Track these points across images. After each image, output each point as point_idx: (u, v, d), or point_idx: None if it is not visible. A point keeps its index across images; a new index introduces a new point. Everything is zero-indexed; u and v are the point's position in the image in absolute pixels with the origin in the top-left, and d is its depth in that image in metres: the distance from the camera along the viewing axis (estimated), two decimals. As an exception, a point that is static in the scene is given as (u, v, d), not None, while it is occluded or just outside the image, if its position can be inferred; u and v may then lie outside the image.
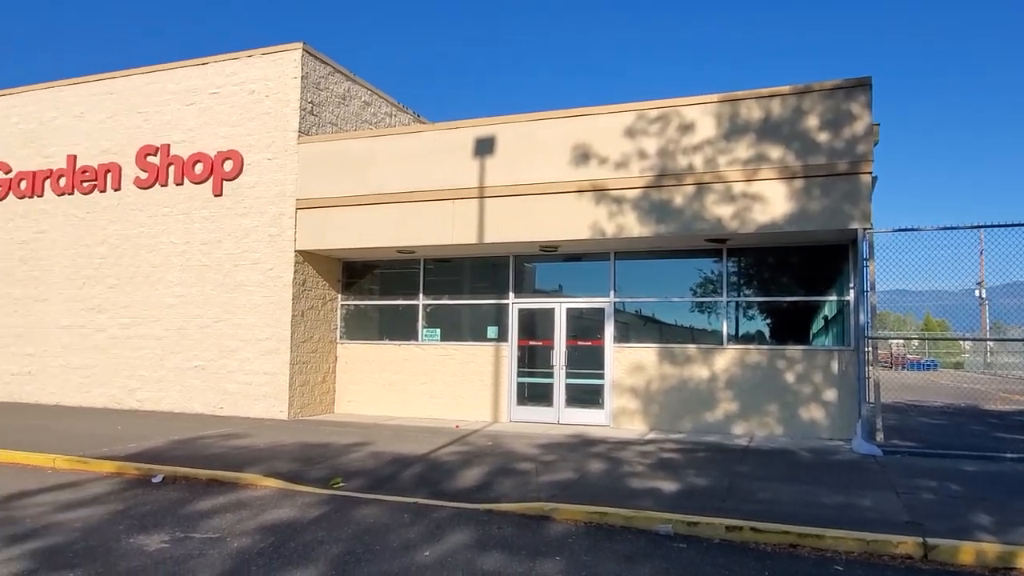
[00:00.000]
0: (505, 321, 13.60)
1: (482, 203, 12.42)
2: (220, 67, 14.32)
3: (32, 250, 15.70)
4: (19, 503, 7.04)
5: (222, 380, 13.71)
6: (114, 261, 14.85)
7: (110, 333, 14.76)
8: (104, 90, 15.34)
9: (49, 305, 15.40)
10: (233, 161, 13.91)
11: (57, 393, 15.13)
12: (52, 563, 5.20)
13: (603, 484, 7.77)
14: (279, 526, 6.20)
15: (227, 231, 13.90)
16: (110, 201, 14.99)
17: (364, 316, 14.99)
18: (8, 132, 16.21)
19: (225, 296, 13.81)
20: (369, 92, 15.93)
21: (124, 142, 14.97)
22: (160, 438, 10.59)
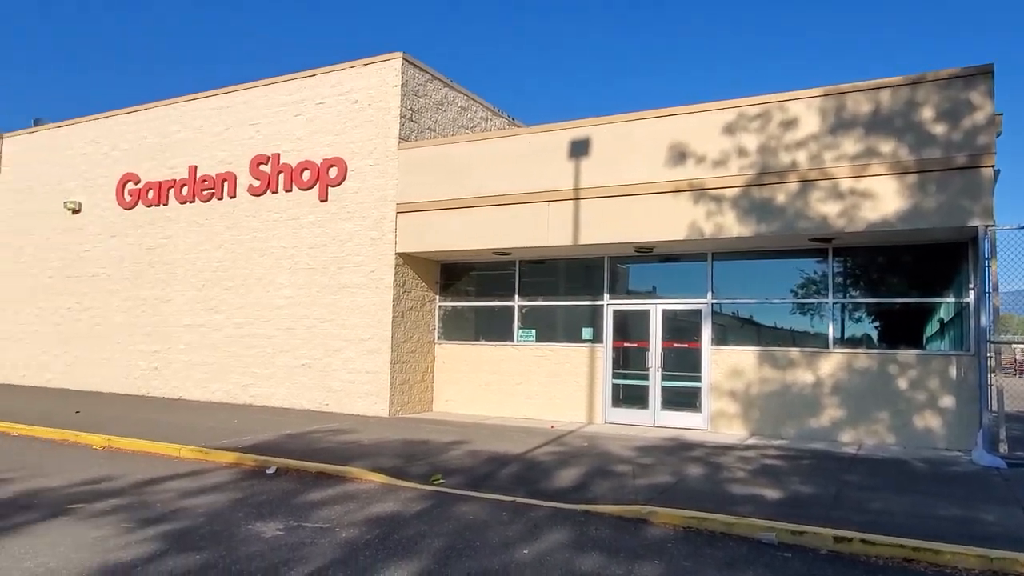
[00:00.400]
0: (600, 322, 13.57)
1: (577, 204, 12.45)
2: (325, 78, 15.00)
3: (158, 255, 16.95)
4: (151, 489, 7.64)
5: (327, 378, 14.35)
6: (229, 264, 15.82)
7: (226, 332, 15.73)
8: (220, 104, 16.37)
9: (173, 306, 16.58)
10: (337, 168, 14.54)
11: (180, 387, 16.26)
12: (181, 545, 5.62)
13: (702, 489, 7.65)
14: (384, 519, 6.46)
15: (332, 235, 14.54)
16: (226, 208, 15.99)
17: (461, 317, 15.32)
18: (138, 146, 17.56)
19: (330, 298, 14.44)
20: (465, 97, 16.26)
21: (239, 152, 15.92)
22: (272, 432, 11.21)
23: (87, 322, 17.96)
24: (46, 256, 18.97)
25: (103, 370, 17.52)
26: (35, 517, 6.42)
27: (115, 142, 17.99)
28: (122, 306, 17.39)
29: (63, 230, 18.69)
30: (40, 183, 19.43)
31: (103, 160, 18.16)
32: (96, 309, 17.81)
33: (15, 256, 19.69)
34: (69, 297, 18.35)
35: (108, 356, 17.48)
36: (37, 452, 9.86)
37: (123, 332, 17.30)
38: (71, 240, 18.51)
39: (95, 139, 18.41)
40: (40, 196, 19.36)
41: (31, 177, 19.66)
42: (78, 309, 18.14)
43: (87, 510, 6.68)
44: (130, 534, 5.91)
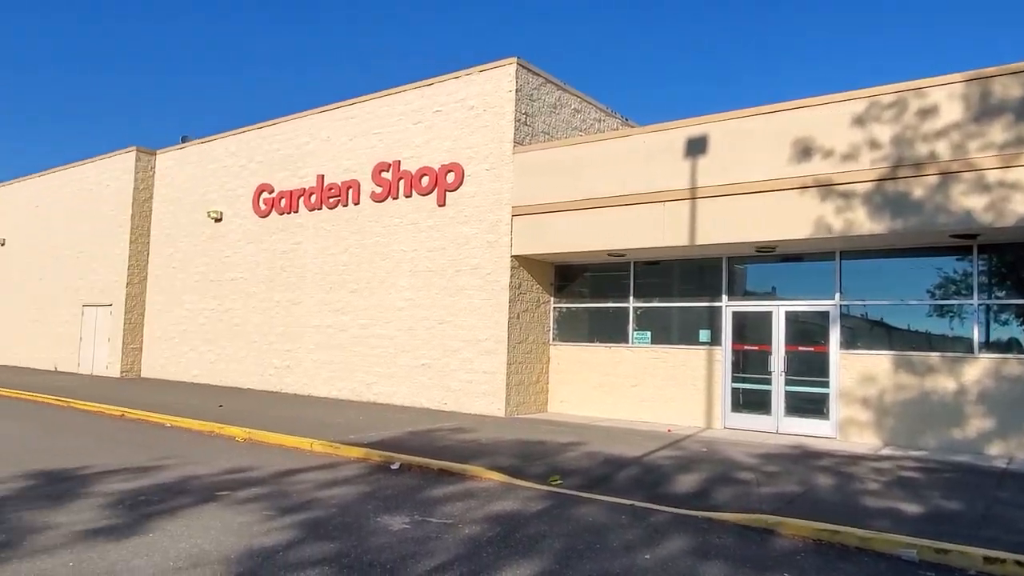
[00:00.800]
0: (718, 324, 13.21)
1: (694, 204, 12.18)
2: (442, 87, 15.45)
3: (290, 259, 18.05)
4: (288, 480, 8.16)
5: (446, 378, 14.77)
6: (354, 268, 16.61)
7: (351, 333, 16.52)
8: (345, 116, 17.22)
9: (303, 308, 17.60)
10: (455, 173, 14.94)
11: (309, 385, 17.24)
12: (316, 534, 5.97)
13: (833, 500, 7.29)
14: (504, 517, 6.59)
15: (449, 239, 14.96)
16: (351, 214, 16.79)
17: (575, 318, 15.34)
18: (271, 157, 18.77)
19: (448, 299, 14.86)
20: (578, 100, 16.28)
21: (362, 160, 16.69)
22: (395, 429, 11.67)
23: (228, 323, 19.39)
24: (192, 261, 20.64)
25: (242, 367, 18.85)
26: (189, 501, 7.01)
27: (251, 155, 19.31)
28: (258, 308, 18.64)
29: (207, 237, 20.26)
30: (187, 195, 21.17)
31: (241, 172, 19.55)
32: (236, 311, 19.19)
33: (166, 262, 21.54)
34: (212, 299, 19.87)
35: (246, 354, 18.78)
36: (187, 442, 10.75)
37: (259, 332, 18.55)
38: (214, 247, 20.04)
39: (234, 152, 19.85)
40: (187, 206, 21.09)
41: (180, 189, 21.46)
42: (220, 311, 19.61)
43: (233, 497, 7.22)
44: (271, 521, 6.35)
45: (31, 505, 6.73)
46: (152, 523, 6.20)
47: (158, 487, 7.61)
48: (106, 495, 7.18)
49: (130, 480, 7.93)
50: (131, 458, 9.26)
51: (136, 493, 7.30)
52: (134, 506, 6.78)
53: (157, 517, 6.40)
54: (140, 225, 21.95)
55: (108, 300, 22.12)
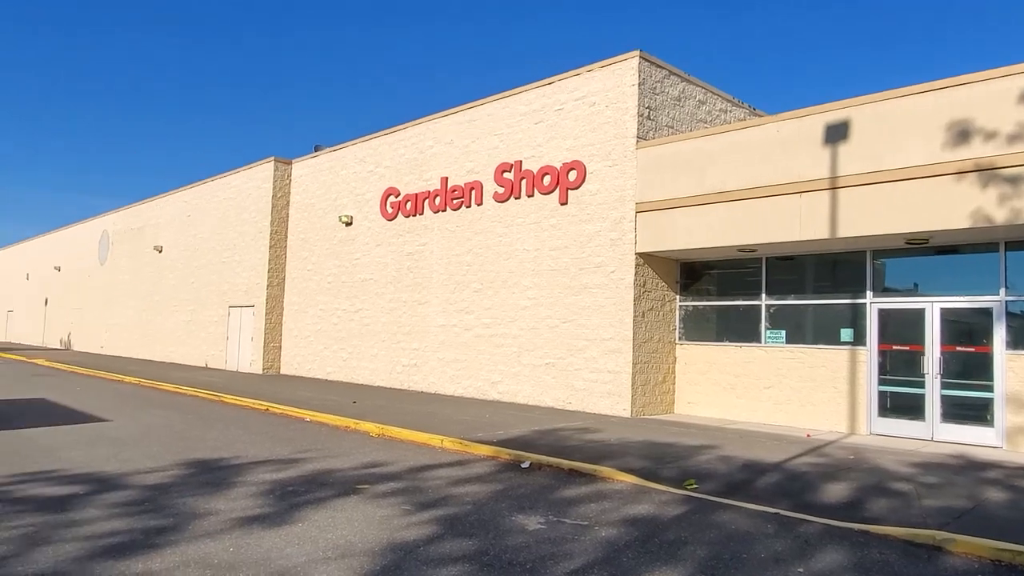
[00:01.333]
0: (861, 322, 12.34)
1: (834, 195, 11.43)
2: (562, 85, 15.37)
3: (416, 260, 18.57)
4: (422, 475, 8.34)
5: (569, 377, 14.68)
6: (478, 268, 16.85)
7: (475, 332, 16.77)
8: (467, 119, 17.51)
9: (429, 307, 18.06)
10: (576, 171, 14.83)
11: (436, 383, 17.65)
12: (454, 531, 6.03)
13: (1009, 517, 6.58)
14: (641, 521, 6.40)
15: (572, 237, 14.86)
16: (474, 215, 17.05)
17: (702, 317, 14.83)
18: (398, 162, 19.40)
19: (571, 298, 14.76)
20: (703, 91, 15.73)
21: (484, 162, 16.90)
22: (522, 427, 11.70)
23: (358, 322, 20.22)
24: (325, 264, 21.69)
25: (372, 365, 19.60)
26: (332, 494, 7.29)
27: (379, 160, 20.05)
28: (386, 307, 19.32)
29: (338, 241, 21.23)
30: (320, 200, 22.28)
31: (369, 177, 20.34)
32: (366, 311, 19.98)
33: (302, 265, 22.77)
34: (344, 300, 20.79)
35: (376, 353, 19.51)
36: (326, 436, 11.25)
37: (387, 331, 19.21)
38: (345, 249, 20.96)
39: (363, 159, 20.68)
40: (320, 212, 22.19)
41: (313, 196, 22.62)
42: (351, 311, 20.49)
43: (372, 491, 7.45)
44: (410, 516, 6.48)
45: (193, 492, 7.22)
46: (300, 513, 6.48)
47: (303, 479, 7.97)
48: (257, 484, 7.61)
49: (277, 471, 8.37)
50: (276, 450, 9.78)
51: (284, 484, 7.68)
52: (283, 496, 7.13)
53: (304, 507, 6.69)
54: (278, 231, 23.32)
55: (251, 301, 23.67)
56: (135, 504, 6.69)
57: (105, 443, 9.99)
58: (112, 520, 6.14)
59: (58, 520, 6.08)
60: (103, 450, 9.44)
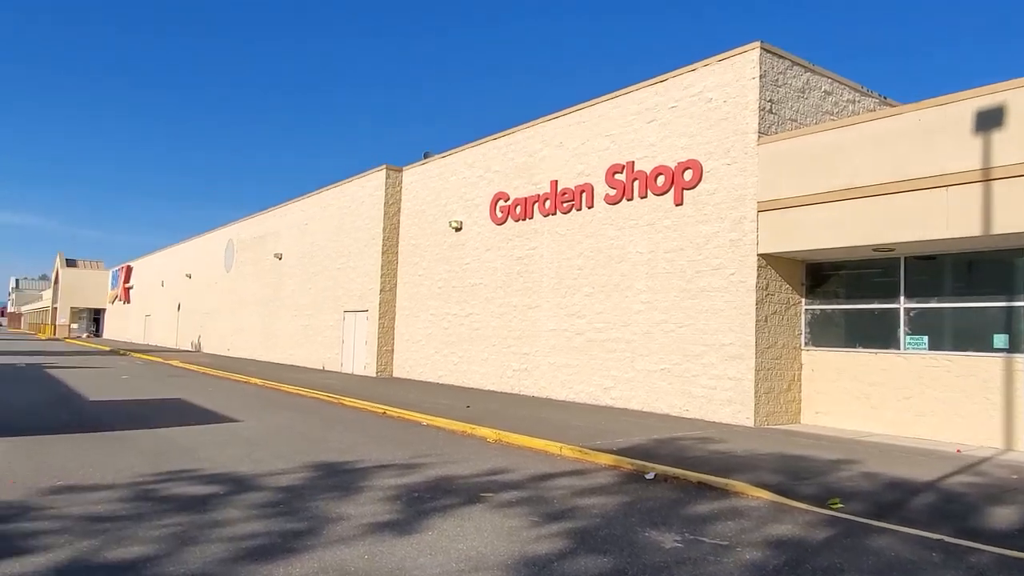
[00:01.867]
0: (1018, 327, 11.20)
1: (988, 187, 10.41)
2: (676, 81, 14.88)
3: (526, 265, 18.52)
4: (545, 484, 8.17)
5: (686, 383, 14.15)
6: (589, 272, 16.58)
7: (587, 336, 16.50)
8: (576, 120, 17.29)
9: (539, 312, 17.95)
10: (692, 170, 14.30)
11: (547, 388, 17.51)
12: (586, 546, 5.81)
13: None
14: (787, 543, 5.96)
15: (688, 239, 14.34)
16: (584, 218, 16.80)
17: (830, 321, 13.93)
18: (506, 166, 19.44)
19: (688, 302, 14.24)
20: (829, 80, 14.81)
21: (595, 164, 16.63)
22: (640, 435, 11.34)
23: (468, 327, 20.39)
24: (436, 269, 22.03)
25: (482, 369, 19.70)
26: (457, 501, 7.24)
27: (488, 165, 20.16)
28: (496, 312, 19.37)
29: (448, 246, 21.51)
30: (430, 207, 22.67)
31: (478, 182, 20.48)
32: (476, 315, 20.12)
33: (413, 270, 23.24)
34: (455, 304, 21.03)
35: (486, 357, 19.60)
36: (443, 441, 11.31)
37: (498, 336, 19.25)
38: (454, 255, 21.21)
39: (472, 164, 20.87)
40: (430, 218, 22.58)
41: (423, 202, 23.05)
42: (461, 315, 20.69)
43: (496, 499, 7.35)
44: (538, 527, 6.31)
45: (323, 495, 7.36)
46: (428, 521, 6.45)
47: (426, 484, 7.98)
48: (383, 489, 7.67)
49: (401, 476, 8.43)
50: (397, 454, 9.89)
51: (409, 489, 7.71)
52: (409, 502, 7.14)
53: (432, 515, 6.66)
54: (390, 237, 23.92)
55: (364, 306, 24.38)
56: (270, 506, 6.87)
57: (238, 443, 10.42)
58: (251, 522, 6.31)
59: (202, 520, 6.31)
60: (236, 450, 9.84)
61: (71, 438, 10.45)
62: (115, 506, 6.69)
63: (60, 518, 6.24)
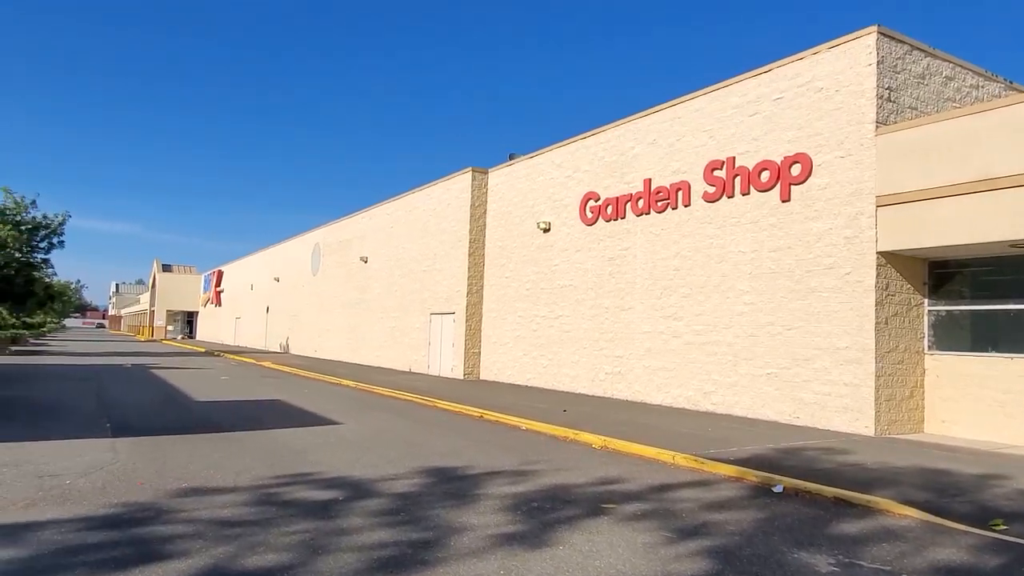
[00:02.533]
0: None
1: None
2: (782, 71, 14.18)
3: (618, 266, 18.08)
4: (666, 496, 7.78)
5: (796, 389, 13.44)
6: (686, 272, 16.02)
7: (685, 339, 15.94)
8: (671, 116, 16.76)
9: (633, 313, 17.48)
10: (801, 164, 13.58)
11: (642, 392, 17.03)
12: (733, 568, 5.41)
13: None
14: (958, 571, 5.40)
15: (796, 236, 13.62)
16: (681, 217, 16.25)
17: (955, 324, 12.96)
18: (596, 165, 19.06)
19: (796, 303, 13.52)
20: (951, 65, 13.81)
21: (691, 160, 16.06)
22: (754, 444, 10.77)
23: (558, 329, 20.09)
24: (524, 271, 21.84)
25: (573, 372, 19.37)
26: (578, 512, 6.95)
27: (577, 164, 19.82)
28: (587, 314, 19.00)
29: (536, 248, 21.29)
30: (516, 208, 22.50)
31: (567, 182, 20.18)
32: (565, 317, 19.81)
33: (500, 272, 23.13)
34: (543, 306, 20.78)
35: (576, 360, 19.26)
36: (546, 446, 11.04)
37: (589, 338, 18.88)
38: (542, 256, 20.97)
39: (560, 164, 20.58)
40: (517, 219, 22.41)
41: (510, 203, 22.91)
42: (551, 317, 20.42)
43: (620, 512, 7.01)
44: (674, 545, 5.94)
45: (441, 503, 7.19)
46: (556, 534, 6.17)
47: (542, 493, 7.72)
48: (500, 498, 7.45)
49: (514, 483, 8.20)
50: (504, 460, 9.68)
51: (526, 498, 7.46)
52: (530, 512, 6.89)
53: (557, 527, 6.39)
54: (476, 239, 23.89)
55: (451, 309, 24.43)
56: (391, 513, 6.75)
57: (344, 447, 10.44)
58: (377, 530, 6.19)
59: (328, 528, 6.22)
60: (345, 454, 9.85)
61: (186, 439, 10.70)
62: (241, 511, 6.71)
63: (191, 522, 6.28)
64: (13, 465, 8.38)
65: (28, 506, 6.66)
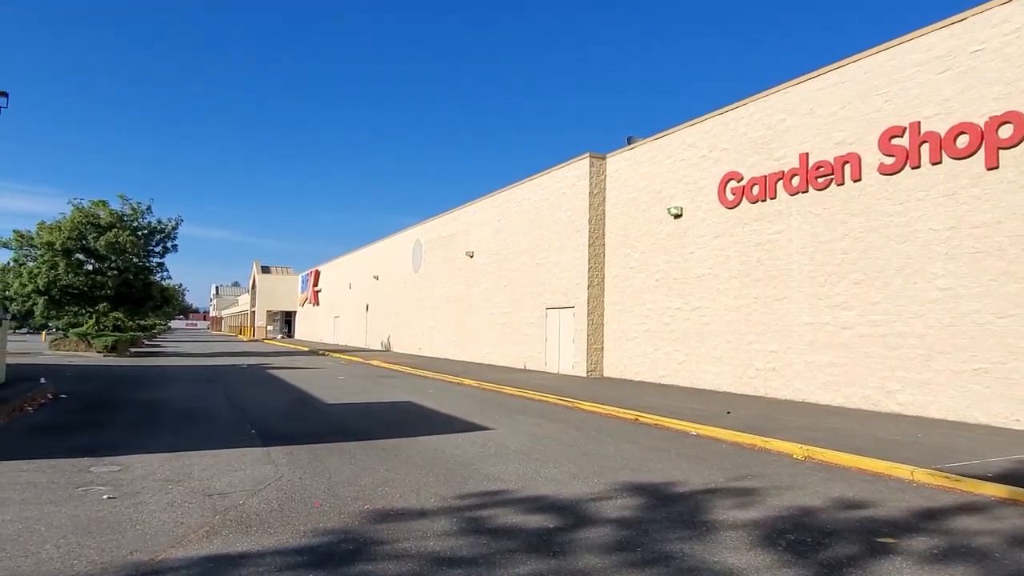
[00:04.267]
0: None
1: None
2: (983, 19, 12.25)
3: (768, 251, 16.40)
4: (949, 527, 6.28)
5: (1013, 387, 11.53)
6: (857, 256, 14.23)
7: (858, 331, 14.16)
8: (832, 82, 14.96)
9: (789, 303, 15.78)
10: (1013, 124, 11.64)
11: (803, 390, 15.33)
12: None
13: None
14: None
15: (1008, 210, 11.69)
16: (847, 193, 14.46)
17: None
18: (738, 143, 17.40)
19: (1012, 287, 11.60)
20: None
21: (860, 129, 14.24)
22: (996, 454, 9.06)
23: (696, 322, 18.56)
24: (652, 260, 20.37)
25: (715, 368, 17.81)
26: (856, 551, 5.59)
27: (713, 143, 18.22)
28: (731, 305, 17.40)
29: (666, 235, 19.79)
30: (641, 194, 21.05)
31: (701, 163, 18.60)
32: (704, 309, 18.26)
33: (623, 263, 21.71)
34: (677, 298, 19.28)
35: (719, 355, 17.69)
36: (738, 456, 9.66)
37: (733, 332, 17.28)
38: (674, 244, 19.46)
39: (692, 144, 19.01)
40: (641, 206, 20.96)
41: (633, 189, 21.47)
42: (686, 309, 18.90)
43: (909, 549, 5.60)
44: (1034, 603, 4.51)
45: (673, 532, 5.97)
46: (859, 583, 4.83)
47: (787, 521, 6.38)
48: (740, 527, 6.15)
49: (740, 506, 6.89)
50: (705, 474, 8.38)
51: (772, 528, 6.14)
52: (795, 549, 5.57)
53: (845, 571, 5.05)
54: (596, 229, 22.57)
55: (570, 303, 23.22)
56: (626, 548, 5.56)
57: (513, 457, 9.37)
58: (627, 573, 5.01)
59: (568, 569, 5.09)
60: (519, 466, 8.76)
61: (339, 448, 9.87)
62: (450, 543, 5.67)
63: (402, 558, 5.28)
64: (176, 481, 7.68)
65: (209, 534, 5.83)
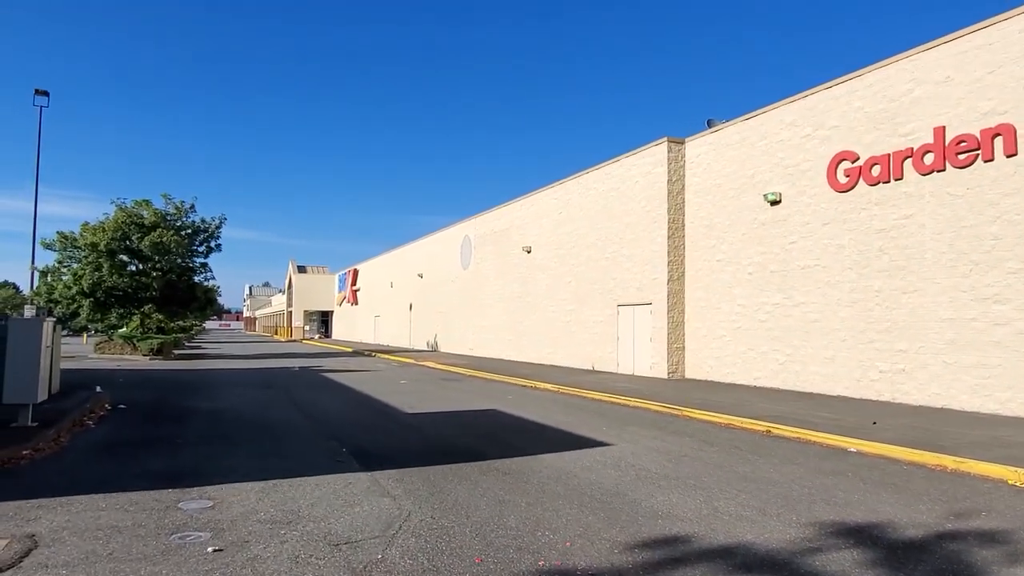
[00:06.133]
0: None
1: None
2: None
3: (892, 238, 14.63)
4: None
5: None
6: (1014, 241, 12.44)
7: (1016, 327, 12.37)
8: (976, 44, 13.15)
9: (922, 296, 14.01)
10: None
11: (942, 394, 13.55)
12: None
13: None
14: None
15: None
16: (1000, 171, 12.66)
17: None
18: (851, 118, 15.63)
19: None
20: None
21: (1016, 96, 12.44)
22: None
23: (799, 318, 16.83)
24: (744, 252, 18.66)
25: (825, 370, 16.07)
26: None
27: (819, 121, 16.46)
28: (844, 300, 15.65)
29: (760, 224, 18.07)
30: (728, 180, 19.33)
31: (804, 143, 16.85)
32: (810, 304, 16.52)
33: (708, 255, 20.02)
34: (775, 292, 17.56)
35: (831, 355, 15.94)
36: (931, 480, 8.01)
37: (848, 329, 15.54)
38: (771, 233, 17.73)
39: (791, 123, 17.26)
40: (729, 193, 19.25)
41: (718, 175, 19.75)
42: (788, 305, 17.18)
43: None
44: None
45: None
46: None
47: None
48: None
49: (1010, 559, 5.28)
50: (915, 507, 6.80)
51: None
52: None
53: None
54: (675, 219, 20.90)
55: (646, 299, 21.58)
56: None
57: (662, 483, 7.84)
58: None
59: None
60: (681, 497, 7.22)
61: (454, 472, 8.41)
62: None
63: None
64: (286, 523, 6.25)
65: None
